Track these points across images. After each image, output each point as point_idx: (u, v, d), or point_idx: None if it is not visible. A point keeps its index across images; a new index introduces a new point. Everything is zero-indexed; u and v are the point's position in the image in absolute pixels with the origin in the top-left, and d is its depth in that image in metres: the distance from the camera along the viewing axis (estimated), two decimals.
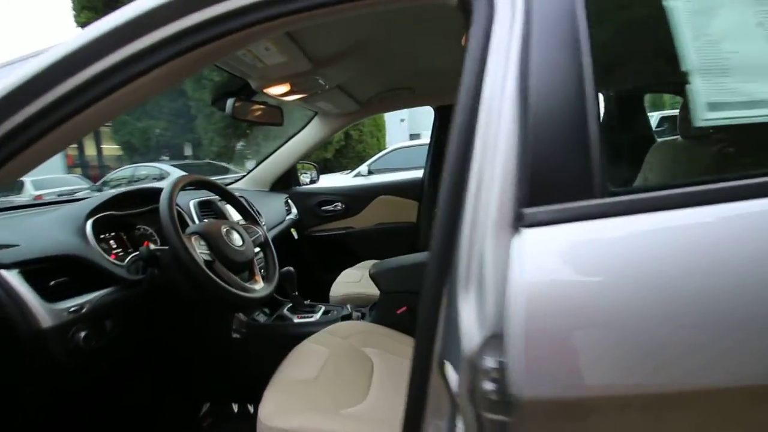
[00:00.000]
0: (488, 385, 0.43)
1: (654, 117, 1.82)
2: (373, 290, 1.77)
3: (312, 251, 2.33)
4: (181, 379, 1.42)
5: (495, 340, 0.43)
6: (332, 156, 9.13)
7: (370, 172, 5.47)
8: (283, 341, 1.47)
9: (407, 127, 14.51)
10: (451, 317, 0.53)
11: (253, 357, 1.48)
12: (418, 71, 1.72)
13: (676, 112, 0.91)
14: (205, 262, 1.00)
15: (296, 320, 1.52)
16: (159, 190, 1.23)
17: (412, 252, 2.26)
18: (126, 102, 0.63)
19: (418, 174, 2.34)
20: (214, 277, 0.97)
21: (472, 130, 0.49)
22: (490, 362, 0.43)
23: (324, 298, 1.74)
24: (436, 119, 2.14)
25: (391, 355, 1.22)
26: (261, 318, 1.58)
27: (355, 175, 5.61)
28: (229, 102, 1.36)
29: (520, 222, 0.44)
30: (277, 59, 1.18)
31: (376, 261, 2.21)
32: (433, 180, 2.19)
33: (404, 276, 1.41)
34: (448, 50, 1.55)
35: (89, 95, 0.56)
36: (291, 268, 1.58)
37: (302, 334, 1.47)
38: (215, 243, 1.06)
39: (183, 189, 1.09)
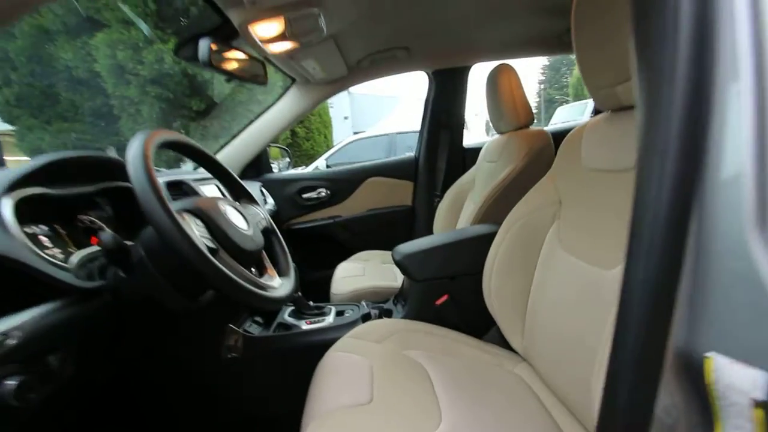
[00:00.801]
0: None
1: None
2: (388, 282, 1.49)
3: (292, 246, 1.98)
4: (166, 425, 1.04)
5: None
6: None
7: (328, 167, 5.12)
8: (293, 356, 1.15)
9: (351, 125, 14.23)
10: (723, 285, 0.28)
11: (258, 381, 1.13)
12: (417, 27, 1.46)
13: None
14: (209, 249, 0.67)
15: (305, 327, 1.19)
16: (111, 160, 0.85)
17: (410, 239, 2.00)
18: None
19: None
20: (228, 272, 0.63)
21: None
22: None
23: (317, 300, 1.43)
24: (432, 85, 1.90)
25: (443, 356, 0.95)
26: (254, 329, 1.23)
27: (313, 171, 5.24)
28: (203, 44, 1.00)
29: None
30: None
31: (378, 251, 1.92)
32: (429, 156, 1.95)
33: (439, 260, 1.14)
34: (450, 6, 1.34)
35: None
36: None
37: (316, 344, 1.15)
38: (216, 225, 0.72)
39: (159, 148, 0.73)
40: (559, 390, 0.80)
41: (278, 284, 0.82)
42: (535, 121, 1.77)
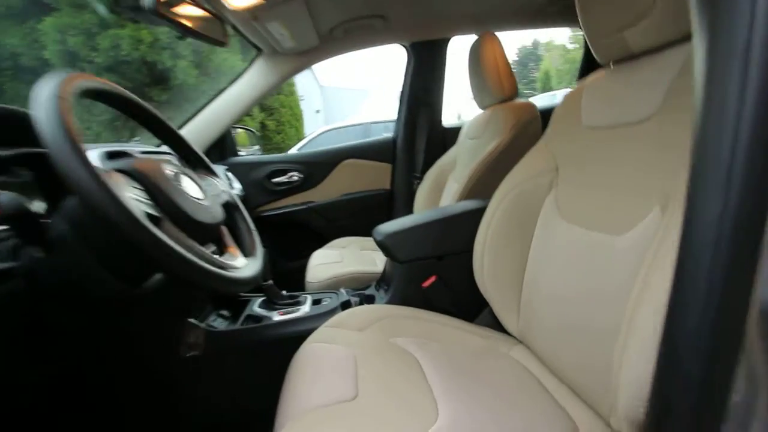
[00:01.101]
0: None
1: None
2: (369, 267, 1.38)
3: (264, 236, 1.83)
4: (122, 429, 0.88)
5: None
6: None
7: None
8: (264, 350, 1.01)
9: (323, 118, 13.97)
10: None
11: (225, 379, 0.99)
12: None
13: None
14: (149, 217, 0.53)
15: (278, 318, 1.06)
16: (19, 113, 0.69)
17: None
18: None
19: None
20: (172, 244, 0.50)
21: None
22: None
23: (291, 290, 1.30)
24: (411, 59, 1.78)
25: (434, 343, 0.85)
26: (219, 323, 1.08)
27: None
28: None
29: None
30: None
31: (356, 237, 1.79)
32: (408, 136, 1.84)
33: (424, 239, 1.04)
34: None
35: None
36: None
37: (290, 336, 1.02)
38: (160, 190, 0.58)
39: (81, 97, 0.58)
40: (563, 371, 0.71)
41: (242, 264, 0.69)
42: None
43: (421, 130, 1.81)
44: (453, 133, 1.78)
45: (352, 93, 14.86)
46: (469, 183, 1.29)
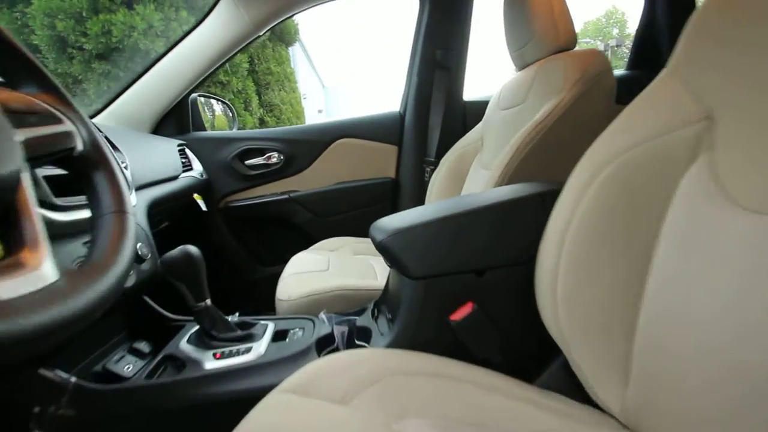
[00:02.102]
0: None
1: None
2: (364, 280, 0.95)
3: (232, 231, 1.41)
4: None
5: None
6: None
7: None
8: (182, 423, 0.59)
9: (326, 119, 13.66)
10: None
11: None
12: None
13: None
14: None
15: (211, 364, 0.64)
16: None
17: None
18: None
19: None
20: None
21: None
22: None
23: (264, 308, 0.89)
24: (425, 6, 1.36)
25: (472, 429, 0.44)
26: (122, 366, 0.67)
27: None
28: None
29: None
30: None
31: (349, 238, 1.36)
32: (419, 109, 1.42)
33: (452, 243, 0.62)
34: None
35: None
36: (191, 248, 0.70)
37: (227, 399, 0.61)
38: None
39: None
40: None
41: (45, 268, 0.28)
42: None
43: (437, 103, 1.39)
44: (477, 109, 1.37)
45: (357, 94, 14.51)
46: (511, 164, 0.87)
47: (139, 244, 0.72)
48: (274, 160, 1.41)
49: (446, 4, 1.32)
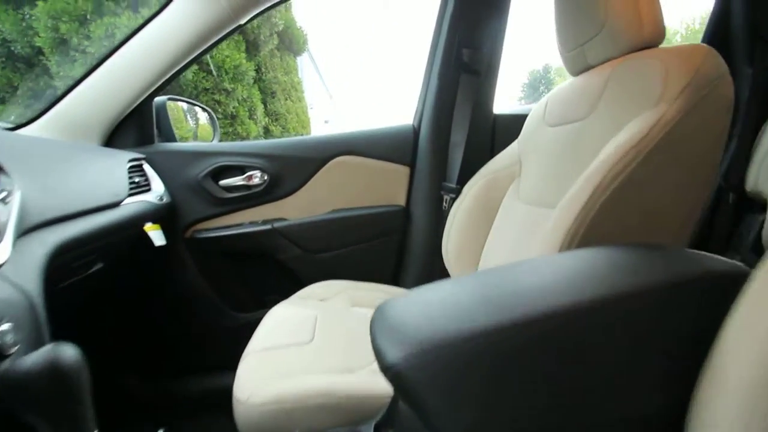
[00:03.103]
0: None
1: None
2: (361, 375, 0.65)
3: (200, 268, 1.12)
4: None
5: None
6: None
7: None
8: None
9: (332, 130, 13.50)
10: None
11: None
12: None
13: None
14: None
15: None
16: None
17: (402, 263, 1.17)
18: None
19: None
20: None
21: None
22: None
23: (235, 367, 0.59)
24: None
25: None
26: None
27: None
28: None
29: None
30: None
31: (346, 282, 1.02)
32: (439, 122, 1.12)
33: (543, 385, 0.32)
34: None
35: None
36: (66, 352, 0.40)
37: None
38: None
39: None
40: None
41: None
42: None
43: (461, 115, 1.10)
44: (511, 124, 1.08)
45: (367, 104, 14.34)
46: (591, 205, 0.57)
47: (3, 326, 0.43)
48: (256, 180, 1.12)
49: None
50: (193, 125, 1.58)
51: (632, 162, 0.57)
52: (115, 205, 0.83)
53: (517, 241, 0.81)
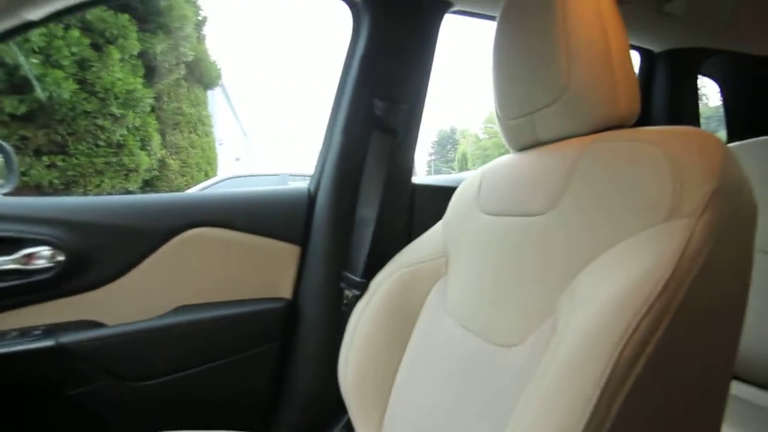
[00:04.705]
0: None
1: None
2: None
3: None
4: None
5: None
6: (139, 188, 6.66)
7: None
8: None
9: (245, 169, 12.68)
10: None
11: None
12: None
13: None
14: None
15: None
16: None
17: (279, 394, 0.78)
18: None
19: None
20: None
21: None
22: None
23: None
24: (362, 25, 0.79)
25: None
26: None
27: None
28: None
29: None
30: None
31: None
32: (341, 188, 0.82)
33: None
34: None
35: None
36: None
37: None
38: None
39: None
40: None
41: None
42: None
43: (372, 183, 0.82)
44: (435, 197, 0.84)
45: (282, 143, 13.89)
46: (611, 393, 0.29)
47: None
48: (42, 263, 0.67)
49: (397, 23, 0.80)
50: None
51: (666, 314, 0.32)
52: None
53: (455, 389, 0.52)
